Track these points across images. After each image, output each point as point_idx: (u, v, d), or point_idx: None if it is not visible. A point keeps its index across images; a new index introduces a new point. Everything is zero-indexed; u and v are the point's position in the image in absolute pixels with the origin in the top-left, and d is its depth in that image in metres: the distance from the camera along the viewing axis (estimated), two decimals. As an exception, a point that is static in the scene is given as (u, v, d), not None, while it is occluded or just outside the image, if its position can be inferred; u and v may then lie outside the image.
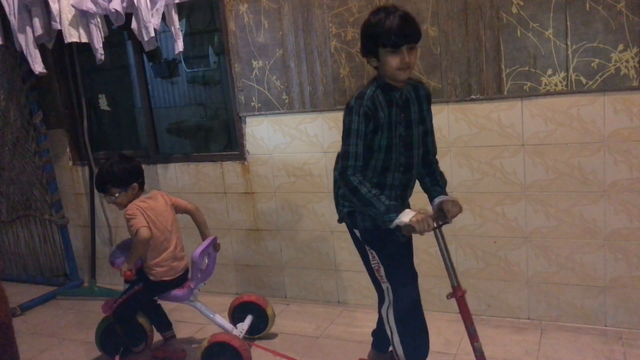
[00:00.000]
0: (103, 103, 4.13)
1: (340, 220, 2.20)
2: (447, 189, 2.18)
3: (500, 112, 2.77)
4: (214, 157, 3.60)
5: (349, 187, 1.94)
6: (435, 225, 1.95)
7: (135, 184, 2.65)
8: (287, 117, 3.27)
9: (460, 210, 2.08)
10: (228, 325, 2.84)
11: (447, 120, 2.88)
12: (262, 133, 3.36)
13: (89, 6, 3.19)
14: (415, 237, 2.06)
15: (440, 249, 2.03)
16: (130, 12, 3.17)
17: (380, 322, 2.35)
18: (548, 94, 2.68)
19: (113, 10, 3.15)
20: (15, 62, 3.87)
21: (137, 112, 4.07)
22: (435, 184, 2.19)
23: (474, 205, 2.91)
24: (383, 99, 1.95)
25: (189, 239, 3.10)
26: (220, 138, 3.91)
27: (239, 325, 2.89)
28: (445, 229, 3.07)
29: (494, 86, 2.75)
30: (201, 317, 3.16)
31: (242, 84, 3.35)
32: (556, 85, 2.65)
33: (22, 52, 3.44)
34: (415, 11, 2.82)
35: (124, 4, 3.15)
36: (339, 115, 3.10)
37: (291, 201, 3.39)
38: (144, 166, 3.77)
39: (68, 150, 4.07)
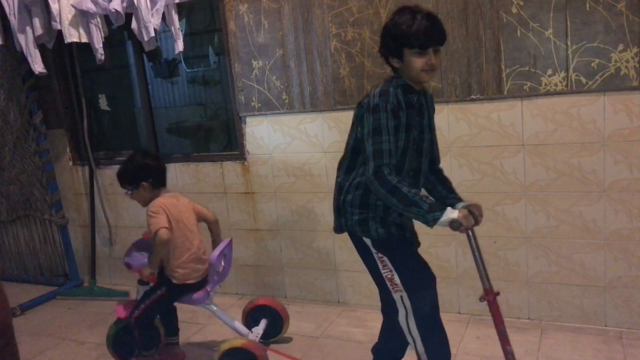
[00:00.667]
0: (103, 103, 4.13)
1: (341, 230, 2.08)
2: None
3: (500, 112, 2.77)
4: (214, 157, 3.60)
5: (386, 187, 1.82)
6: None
7: (144, 182, 2.59)
8: (287, 117, 3.27)
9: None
10: (244, 329, 2.78)
11: (447, 120, 2.88)
12: (262, 133, 3.36)
13: (89, 6, 3.19)
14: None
15: (473, 250, 1.97)
16: (130, 12, 3.17)
17: (385, 337, 2.27)
18: (548, 94, 2.68)
19: (113, 10, 3.15)
20: (15, 62, 3.87)
21: (137, 112, 4.07)
22: (450, 191, 2.15)
23: (474, 205, 2.91)
24: (403, 100, 1.88)
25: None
26: (220, 138, 3.91)
27: (254, 329, 2.82)
28: (444, 228, 3.06)
29: (494, 86, 2.75)
30: (201, 317, 3.17)
31: (242, 84, 3.35)
32: (556, 85, 2.65)
33: (22, 52, 3.44)
34: (415, 11, 2.82)
35: (124, 4, 3.15)
36: (339, 115, 3.13)
37: (291, 201, 3.39)
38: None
39: (68, 150, 4.07)
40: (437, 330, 2.05)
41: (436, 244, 3.05)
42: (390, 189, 1.81)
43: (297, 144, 3.28)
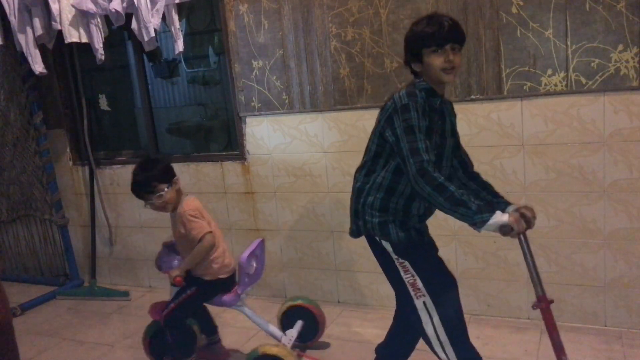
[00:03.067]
0: (103, 103, 4.13)
1: (358, 234, 2.02)
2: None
3: (500, 112, 2.77)
4: (214, 157, 3.60)
5: (433, 185, 1.73)
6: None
7: (176, 177, 2.54)
8: (287, 117, 3.27)
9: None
10: (277, 332, 2.71)
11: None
12: (262, 133, 3.36)
13: (89, 6, 3.20)
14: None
15: (525, 255, 1.88)
16: (131, 12, 3.18)
17: (391, 340, 2.23)
18: (548, 94, 2.68)
19: (113, 11, 3.15)
20: (16, 62, 3.87)
21: (137, 112, 4.07)
22: (496, 195, 2.06)
23: (473, 205, 2.91)
24: (426, 103, 1.85)
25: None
26: (220, 138, 3.92)
27: (288, 332, 2.72)
28: (444, 228, 3.08)
29: (493, 86, 2.75)
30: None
31: (242, 84, 3.35)
32: (556, 85, 2.65)
33: (22, 52, 3.44)
34: (415, 11, 2.82)
35: (124, 4, 3.15)
36: (339, 115, 3.13)
37: (291, 201, 3.39)
38: (144, 166, 3.81)
39: (68, 150, 4.07)
40: (465, 334, 1.98)
41: (436, 243, 3.04)
42: (437, 186, 1.73)
43: (297, 144, 3.28)
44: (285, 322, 2.86)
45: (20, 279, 4.35)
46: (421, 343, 2.20)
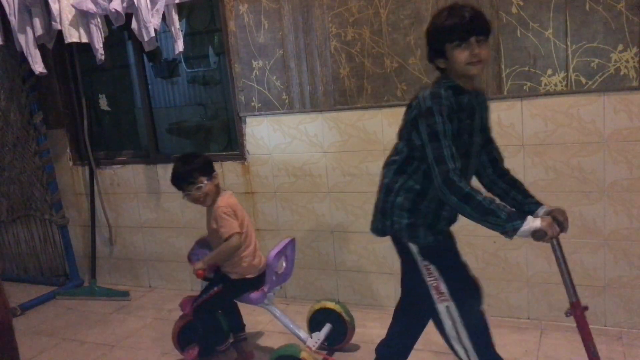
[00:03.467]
0: (103, 103, 4.13)
1: (383, 233, 1.97)
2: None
3: (500, 112, 2.77)
4: (214, 157, 3.56)
5: (458, 195, 1.69)
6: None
7: (216, 172, 2.59)
8: (287, 117, 3.27)
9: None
10: (303, 333, 2.67)
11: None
12: (262, 133, 3.37)
13: (89, 6, 3.20)
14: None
15: (558, 261, 1.83)
16: (131, 12, 3.18)
17: (390, 339, 2.20)
18: (548, 94, 2.68)
19: (113, 11, 3.15)
20: (16, 62, 3.87)
21: (137, 112, 4.08)
22: (526, 195, 1.98)
23: (473, 205, 2.91)
24: (453, 101, 1.77)
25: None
26: (220, 138, 3.92)
27: (315, 334, 2.69)
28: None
29: (493, 86, 2.75)
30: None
31: (242, 84, 3.35)
32: (556, 85, 2.65)
33: (22, 52, 3.44)
34: (415, 11, 2.83)
35: (124, 4, 3.15)
36: (339, 115, 3.13)
37: (291, 201, 3.39)
38: (143, 166, 3.82)
39: (68, 150, 4.07)
40: (489, 340, 1.94)
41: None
42: (463, 197, 1.69)
43: (297, 144, 3.28)
44: (314, 324, 2.81)
45: (20, 279, 4.34)
46: (421, 342, 2.20)
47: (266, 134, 3.35)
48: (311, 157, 3.26)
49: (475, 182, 1.99)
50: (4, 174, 4.18)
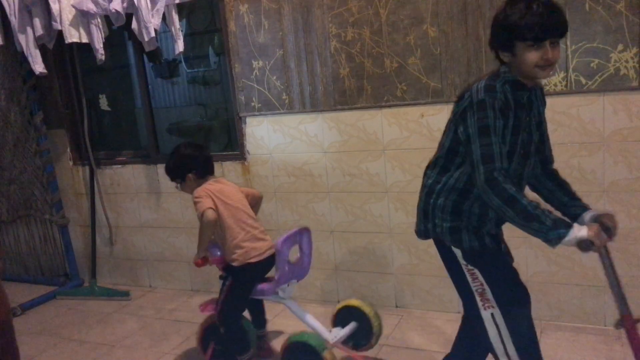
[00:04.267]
0: (103, 103, 4.14)
1: (426, 236, 1.88)
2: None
3: (500, 112, 2.77)
4: (214, 157, 3.56)
5: (502, 198, 1.58)
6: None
7: (189, 174, 2.60)
8: (287, 117, 3.27)
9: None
10: (321, 327, 2.57)
11: (446, 121, 2.88)
12: (262, 133, 3.37)
13: (90, 6, 3.20)
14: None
15: (607, 270, 1.72)
16: (131, 13, 3.18)
17: (458, 349, 2.08)
18: (547, 94, 2.65)
19: (113, 11, 3.16)
20: (16, 63, 3.88)
21: (137, 112, 4.08)
22: (572, 197, 1.87)
23: (473, 205, 2.91)
24: (511, 97, 1.66)
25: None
26: (220, 138, 3.92)
27: (334, 330, 2.61)
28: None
29: (493, 86, 2.75)
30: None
31: (242, 84, 3.35)
32: (556, 85, 2.65)
33: (22, 52, 3.45)
34: (415, 11, 2.83)
35: (125, 5, 3.15)
36: (339, 115, 3.14)
37: (291, 201, 3.39)
38: (143, 166, 3.82)
39: (68, 150, 4.07)
40: (536, 350, 1.85)
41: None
42: (507, 199, 1.58)
43: (297, 144, 3.28)
44: (339, 322, 2.71)
45: (21, 278, 4.35)
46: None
47: (266, 134, 3.35)
48: (311, 157, 3.27)
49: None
50: (4, 174, 4.18)
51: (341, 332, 2.58)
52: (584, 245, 1.58)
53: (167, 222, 3.84)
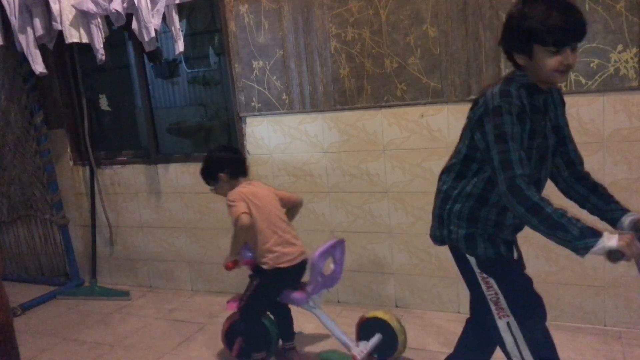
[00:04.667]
0: (104, 103, 4.14)
1: (442, 242, 1.84)
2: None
3: (499, 112, 2.77)
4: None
5: (526, 205, 1.53)
6: None
7: (221, 174, 2.60)
8: (287, 117, 3.28)
9: None
10: (348, 341, 2.55)
11: (446, 121, 2.89)
12: (262, 133, 3.37)
13: (90, 7, 3.20)
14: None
15: None
16: (131, 13, 3.18)
17: (464, 344, 2.03)
18: (547, 94, 2.68)
19: (114, 11, 3.16)
20: (16, 63, 3.88)
21: (137, 112, 4.08)
22: (608, 201, 1.77)
23: (473, 205, 2.91)
24: (527, 102, 1.61)
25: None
26: (220, 138, 3.92)
27: (362, 343, 2.57)
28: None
29: (493, 86, 2.75)
30: (201, 317, 3.16)
31: (242, 84, 3.35)
32: (556, 85, 2.65)
33: (22, 52, 3.45)
34: (415, 11, 2.83)
35: (125, 5, 3.15)
36: (339, 116, 3.14)
37: (291, 201, 3.39)
38: (144, 166, 3.82)
39: (69, 150, 4.07)
40: (554, 357, 1.80)
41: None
42: (531, 207, 1.52)
43: (297, 144, 3.28)
44: (363, 334, 2.67)
45: (21, 278, 4.35)
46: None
47: (266, 134, 3.36)
48: (311, 157, 3.27)
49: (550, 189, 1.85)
50: (4, 174, 4.19)
51: (368, 345, 2.56)
52: (613, 256, 1.51)
53: (167, 222, 3.84)
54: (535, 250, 2.85)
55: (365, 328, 2.67)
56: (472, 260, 1.76)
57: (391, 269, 3.21)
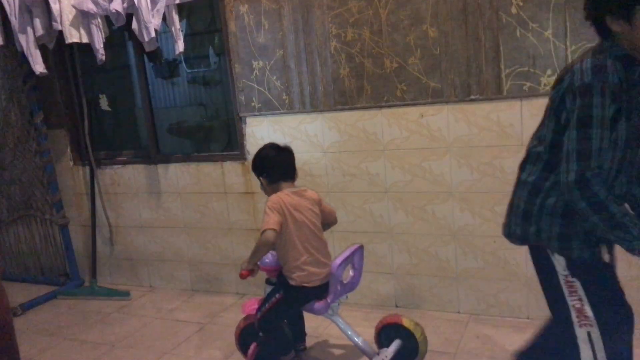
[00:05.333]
0: (104, 103, 4.14)
1: (526, 240, 1.67)
2: (447, 189, 2.13)
3: (499, 113, 2.78)
4: (215, 157, 3.61)
5: (589, 201, 1.42)
6: None
7: (260, 177, 2.48)
8: (287, 117, 3.28)
9: None
10: (369, 349, 2.49)
11: (446, 121, 2.89)
12: (263, 133, 3.37)
13: (90, 7, 3.21)
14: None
15: None
16: (131, 13, 3.18)
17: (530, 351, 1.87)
18: (547, 94, 2.66)
19: (114, 11, 3.16)
20: (16, 63, 3.88)
21: (137, 112, 4.08)
22: None
23: (473, 205, 2.91)
24: (623, 77, 1.43)
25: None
26: (220, 138, 3.92)
27: (382, 351, 2.49)
28: (444, 228, 3.05)
29: (493, 86, 2.76)
30: (199, 317, 3.15)
31: (242, 84, 3.35)
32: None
33: (23, 52, 3.45)
34: (415, 11, 2.83)
35: (125, 5, 3.16)
36: (339, 116, 3.14)
37: (291, 201, 3.39)
38: (144, 166, 3.82)
39: (69, 150, 4.08)
40: None
41: (435, 243, 3.06)
42: (595, 204, 1.42)
43: (297, 144, 3.28)
44: (383, 340, 2.61)
45: (21, 278, 4.36)
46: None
47: (266, 134, 3.36)
48: (311, 157, 3.27)
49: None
50: (4, 174, 4.19)
51: (389, 353, 2.48)
52: None
53: (167, 222, 3.84)
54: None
55: (385, 334, 2.60)
56: (560, 260, 1.59)
57: (391, 268, 3.21)
